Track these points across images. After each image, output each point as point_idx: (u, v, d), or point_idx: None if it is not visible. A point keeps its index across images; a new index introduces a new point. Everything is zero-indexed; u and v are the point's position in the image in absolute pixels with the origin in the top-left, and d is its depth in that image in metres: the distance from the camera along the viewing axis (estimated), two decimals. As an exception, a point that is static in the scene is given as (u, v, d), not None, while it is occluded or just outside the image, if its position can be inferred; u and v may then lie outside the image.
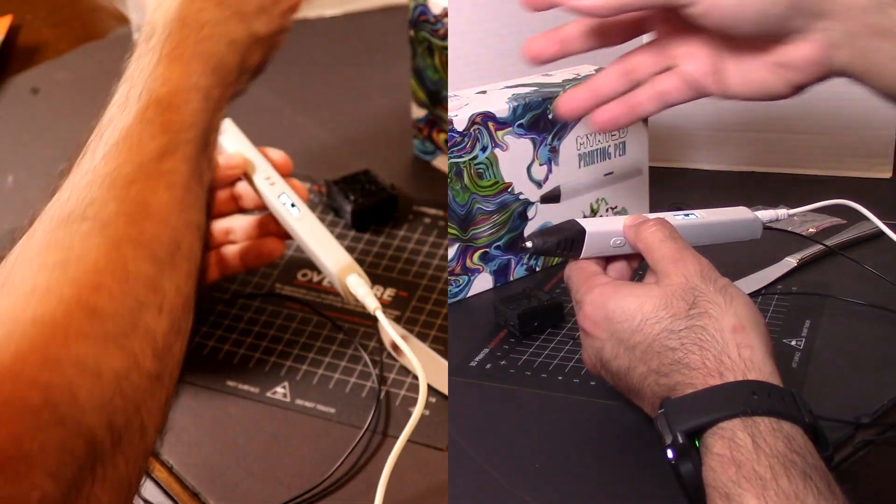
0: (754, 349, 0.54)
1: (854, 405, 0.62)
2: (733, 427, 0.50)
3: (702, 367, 0.54)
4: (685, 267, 0.57)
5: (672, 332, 0.55)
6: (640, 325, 0.56)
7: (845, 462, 0.59)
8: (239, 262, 0.70)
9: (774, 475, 0.48)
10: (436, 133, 0.89)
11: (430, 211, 0.83)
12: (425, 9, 0.83)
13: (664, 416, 0.53)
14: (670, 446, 0.52)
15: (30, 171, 0.89)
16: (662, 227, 0.61)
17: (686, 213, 0.65)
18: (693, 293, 0.56)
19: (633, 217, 0.63)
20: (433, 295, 0.75)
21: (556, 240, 0.62)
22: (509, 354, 0.71)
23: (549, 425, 0.64)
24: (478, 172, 0.77)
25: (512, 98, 0.78)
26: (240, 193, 0.70)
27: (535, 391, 0.66)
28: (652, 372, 0.56)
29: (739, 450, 0.49)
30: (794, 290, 0.75)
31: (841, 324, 0.70)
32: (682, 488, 0.52)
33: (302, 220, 0.67)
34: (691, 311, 0.55)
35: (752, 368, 0.53)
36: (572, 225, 0.62)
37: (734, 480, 0.48)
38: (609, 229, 0.62)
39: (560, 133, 0.81)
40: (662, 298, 0.56)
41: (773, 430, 0.50)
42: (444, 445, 0.63)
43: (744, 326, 0.55)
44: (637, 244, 0.61)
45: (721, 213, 0.66)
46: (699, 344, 0.54)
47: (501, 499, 0.57)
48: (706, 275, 0.57)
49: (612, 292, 0.59)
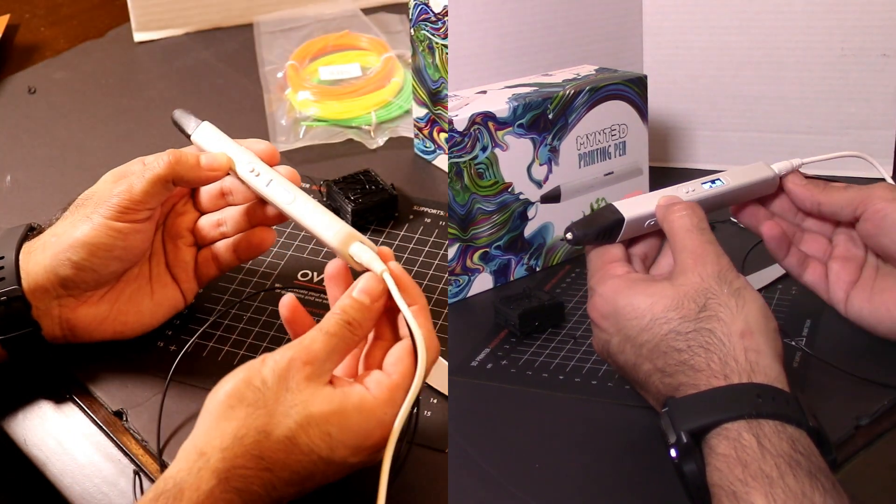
0: (761, 353, 0.54)
1: (854, 405, 0.62)
2: (738, 428, 0.50)
3: (706, 370, 0.54)
4: (704, 266, 0.58)
5: (680, 333, 0.55)
6: (648, 325, 0.56)
7: (846, 462, 0.59)
8: (233, 255, 0.71)
9: (781, 474, 0.48)
10: (436, 132, 0.89)
11: (430, 211, 0.83)
12: (426, 7, 0.83)
13: (668, 414, 0.53)
14: (674, 445, 0.52)
15: (28, 171, 0.89)
16: (692, 214, 0.61)
17: (713, 181, 0.66)
18: (705, 295, 0.56)
19: (667, 196, 0.63)
20: (434, 295, 0.75)
21: (596, 230, 0.62)
22: (510, 354, 0.71)
23: (550, 425, 0.63)
24: (478, 172, 0.77)
25: (512, 98, 0.78)
26: (229, 189, 0.70)
27: (536, 391, 0.66)
28: (657, 370, 0.56)
29: (745, 450, 0.49)
30: (795, 291, 0.75)
31: (841, 324, 0.70)
32: (685, 488, 0.52)
33: (294, 202, 0.65)
34: (701, 313, 0.55)
35: (757, 371, 0.53)
36: (611, 212, 0.63)
37: (741, 479, 0.48)
38: (645, 212, 0.63)
39: (560, 133, 0.80)
40: (674, 299, 0.56)
41: (777, 432, 0.50)
42: (444, 446, 0.63)
43: (752, 331, 0.55)
44: (664, 226, 0.62)
45: (744, 175, 0.68)
46: (705, 347, 0.54)
47: (501, 499, 0.57)
48: (723, 275, 0.57)
49: (625, 287, 0.59)
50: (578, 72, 0.86)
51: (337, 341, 0.56)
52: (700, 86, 0.97)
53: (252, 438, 0.52)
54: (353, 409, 0.54)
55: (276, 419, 0.53)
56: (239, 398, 0.54)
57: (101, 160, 0.73)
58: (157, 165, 0.65)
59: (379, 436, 0.55)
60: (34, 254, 0.65)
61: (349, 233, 0.62)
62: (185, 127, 0.70)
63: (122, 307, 0.67)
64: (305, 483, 0.54)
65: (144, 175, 0.64)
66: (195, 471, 0.51)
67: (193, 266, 0.70)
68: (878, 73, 0.91)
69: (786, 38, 0.93)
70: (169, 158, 0.65)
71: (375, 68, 0.98)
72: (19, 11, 1.13)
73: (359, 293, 0.59)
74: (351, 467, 0.56)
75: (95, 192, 0.66)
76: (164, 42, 1.07)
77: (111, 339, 0.68)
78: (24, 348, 0.65)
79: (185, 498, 0.51)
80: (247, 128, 0.77)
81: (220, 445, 0.52)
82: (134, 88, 1.01)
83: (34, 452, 0.65)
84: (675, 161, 1.00)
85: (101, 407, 0.67)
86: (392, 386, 0.56)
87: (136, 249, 0.66)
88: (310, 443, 0.53)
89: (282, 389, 0.54)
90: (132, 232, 0.65)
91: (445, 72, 0.83)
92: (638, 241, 0.64)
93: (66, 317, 0.65)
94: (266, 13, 1.08)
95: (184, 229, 0.70)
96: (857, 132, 0.93)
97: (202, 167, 0.66)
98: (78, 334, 0.66)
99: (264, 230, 0.70)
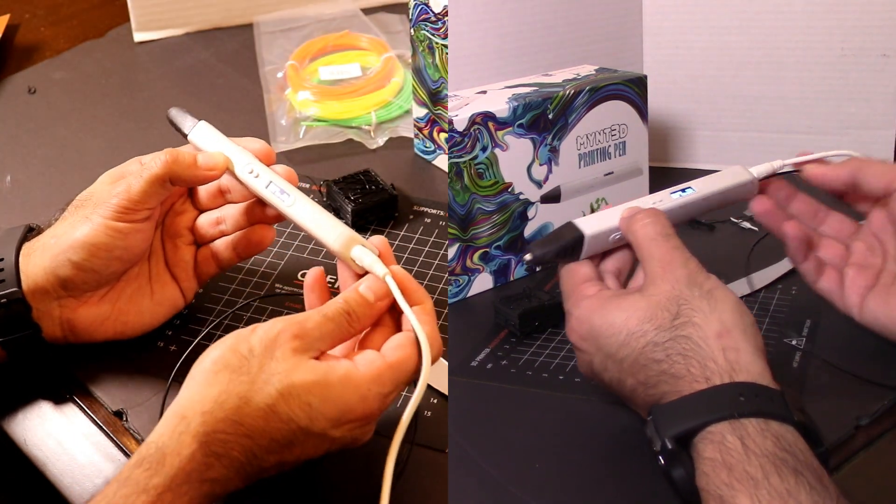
0: (741, 351, 0.54)
1: (854, 405, 0.62)
2: (722, 431, 0.50)
3: (687, 375, 0.54)
4: (672, 272, 0.57)
5: (657, 344, 0.55)
6: (626, 340, 0.56)
7: (845, 462, 0.59)
8: (232, 253, 0.71)
9: (766, 474, 0.48)
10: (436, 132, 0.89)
11: (430, 211, 0.83)
12: (426, 7, 0.83)
13: (652, 422, 0.53)
14: (660, 452, 0.52)
15: (28, 171, 0.89)
16: (655, 222, 0.60)
17: (683, 190, 0.65)
18: (677, 302, 0.56)
19: (629, 209, 0.62)
20: (434, 295, 0.75)
21: (556, 249, 0.62)
22: (510, 354, 0.71)
23: (550, 425, 0.63)
24: (478, 172, 0.77)
25: (512, 98, 0.78)
26: (227, 187, 0.70)
27: (536, 391, 0.66)
28: (640, 384, 0.56)
29: (729, 453, 0.49)
30: (795, 290, 0.75)
31: (841, 324, 0.70)
32: (677, 494, 0.52)
33: (294, 205, 0.65)
34: (675, 321, 0.55)
35: (739, 370, 0.53)
36: (570, 230, 0.62)
37: (727, 483, 0.48)
38: (607, 227, 0.62)
39: (560, 133, 0.80)
40: (647, 311, 0.56)
41: (761, 430, 0.50)
42: (444, 446, 0.63)
43: (729, 330, 0.54)
44: (629, 238, 0.61)
45: (718, 181, 0.67)
46: (683, 353, 0.54)
47: (501, 499, 0.57)
48: (693, 279, 0.57)
49: (598, 306, 0.59)
50: (578, 72, 0.86)
51: (333, 327, 0.57)
52: (700, 86, 0.97)
53: (233, 404, 0.53)
54: (337, 382, 0.54)
55: (257, 386, 0.53)
56: (224, 364, 0.54)
57: (101, 160, 0.73)
58: (154, 165, 0.65)
59: (361, 411, 0.55)
60: (34, 255, 0.65)
61: (350, 236, 0.62)
62: (182, 126, 0.70)
63: (122, 307, 0.67)
64: (284, 453, 0.54)
65: (142, 175, 0.65)
66: (176, 435, 0.52)
67: (193, 265, 0.70)
68: (878, 73, 0.91)
69: (786, 38, 0.93)
70: (166, 158, 0.65)
71: (375, 68, 0.98)
72: (19, 11, 1.13)
73: (365, 290, 0.59)
74: (332, 441, 0.56)
75: (94, 193, 0.66)
76: (164, 42, 1.07)
77: (112, 339, 0.68)
78: (24, 350, 0.65)
79: (167, 463, 0.51)
80: (247, 128, 0.77)
81: (201, 409, 0.53)
82: (134, 88, 1.01)
83: (34, 452, 0.65)
84: (675, 161, 1.00)
85: (101, 407, 0.67)
86: (384, 366, 0.56)
87: (137, 249, 0.66)
88: (289, 412, 0.53)
89: (266, 358, 0.54)
90: (132, 232, 0.65)
91: (445, 72, 0.83)
92: (609, 257, 0.63)
93: (67, 317, 0.65)
94: (266, 13, 1.08)
95: (183, 228, 0.70)
96: (857, 132, 0.93)
97: (199, 167, 0.66)
98: (79, 334, 0.66)
99: (264, 227, 0.70)
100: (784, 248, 0.68)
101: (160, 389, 0.67)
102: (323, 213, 0.64)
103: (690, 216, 0.66)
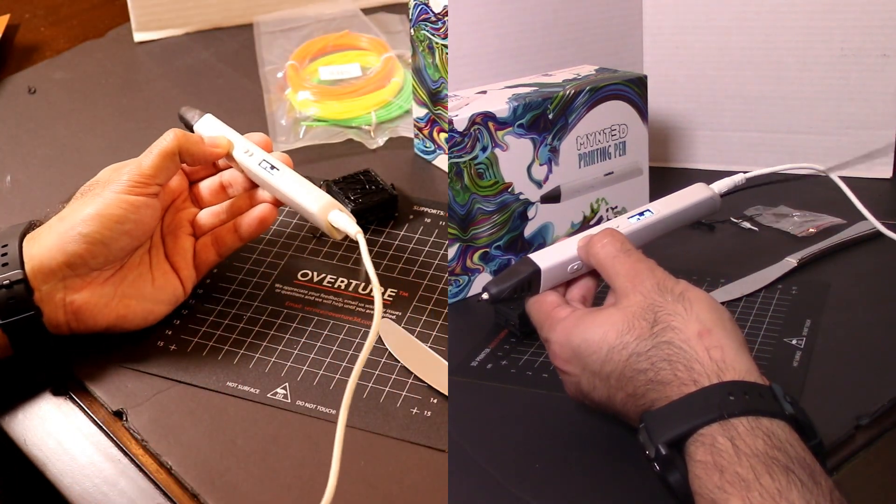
0: (724, 348, 0.54)
1: (854, 405, 0.62)
2: (713, 433, 0.50)
3: (674, 380, 0.53)
4: (642, 283, 0.57)
5: (640, 354, 0.55)
6: (608, 355, 0.56)
7: (845, 462, 0.59)
8: (234, 235, 0.72)
9: (757, 475, 0.48)
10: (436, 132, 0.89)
11: (430, 211, 0.83)
12: (426, 7, 0.83)
13: (645, 429, 0.53)
14: (654, 459, 0.52)
15: (28, 171, 0.89)
16: (613, 241, 0.61)
17: (640, 213, 0.65)
18: (653, 310, 0.56)
19: (584, 237, 0.62)
20: (434, 295, 0.75)
21: (513, 285, 0.62)
22: (510, 354, 0.71)
23: (550, 425, 0.63)
24: (478, 172, 0.77)
25: (512, 98, 0.78)
26: (229, 181, 0.73)
27: (536, 391, 0.66)
28: (629, 396, 0.56)
29: (721, 455, 0.49)
30: (795, 290, 0.75)
31: (841, 323, 0.70)
32: (674, 498, 0.52)
33: (280, 175, 0.71)
34: (654, 328, 0.55)
35: (725, 369, 0.53)
36: (527, 265, 0.62)
37: (719, 486, 0.48)
38: (564, 258, 0.62)
39: (560, 133, 0.80)
40: (625, 322, 0.56)
41: (751, 429, 0.50)
42: (444, 446, 0.63)
43: (709, 329, 0.54)
44: (591, 263, 0.61)
45: (677, 200, 0.67)
46: (667, 359, 0.54)
47: (501, 499, 0.57)
48: (663, 286, 0.57)
49: (574, 326, 0.58)
50: (578, 72, 0.86)
51: None
52: (700, 86, 0.97)
53: None
54: None
55: None
56: None
57: (101, 160, 0.73)
58: (164, 141, 0.69)
59: None
60: (39, 238, 0.66)
61: (329, 201, 0.69)
62: (190, 119, 0.76)
63: (125, 290, 0.68)
64: None
65: (153, 150, 0.69)
66: None
67: (192, 254, 0.72)
68: (878, 73, 0.91)
69: (786, 38, 0.93)
70: (177, 133, 0.70)
71: (375, 68, 0.97)
72: (19, 11, 1.13)
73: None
74: None
75: (100, 180, 0.69)
76: (164, 42, 1.07)
77: (114, 327, 0.68)
78: (25, 335, 0.65)
79: None
80: (247, 128, 0.77)
81: None
82: (134, 88, 1.01)
83: (34, 452, 0.65)
84: (675, 161, 1.00)
85: (101, 407, 0.67)
86: None
87: (146, 226, 0.68)
88: None
89: None
90: (143, 206, 0.67)
91: (445, 72, 0.83)
92: (572, 285, 0.63)
93: (70, 299, 0.66)
94: (266, 13, 1.08)
95: (184, 221, 0.73)
96: (857, 132, 0.93)
97: (206, 144, 0.72)
98: (81, 318, 0.67)
99: (266, 207, 0.72)
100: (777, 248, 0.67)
101: (160, 389, 0.67)
102: (306, 183, 0.70)
103: (653, 237, 0.66)
